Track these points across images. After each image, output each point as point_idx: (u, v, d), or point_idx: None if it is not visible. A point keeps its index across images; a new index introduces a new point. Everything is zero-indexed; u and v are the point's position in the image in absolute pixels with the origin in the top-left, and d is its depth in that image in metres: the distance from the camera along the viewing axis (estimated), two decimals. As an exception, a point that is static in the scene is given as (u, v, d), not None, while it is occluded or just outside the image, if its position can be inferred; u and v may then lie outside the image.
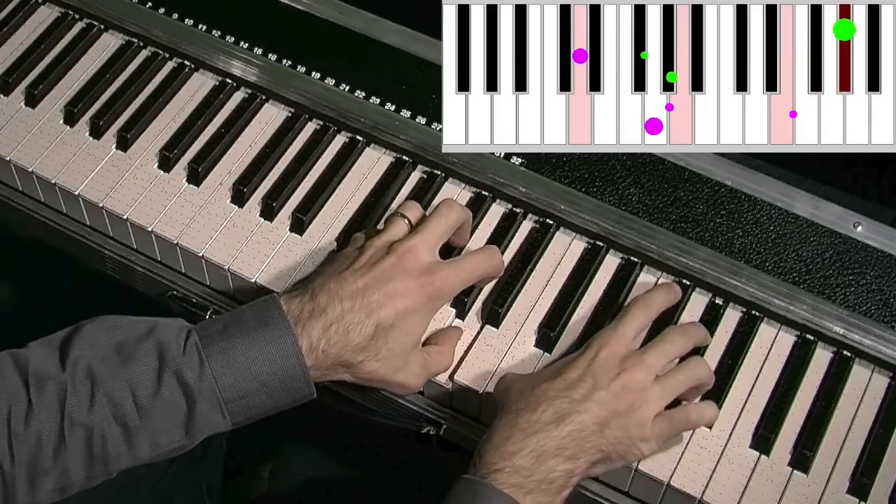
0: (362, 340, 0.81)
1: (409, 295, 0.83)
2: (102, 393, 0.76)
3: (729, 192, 0.94)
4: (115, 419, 0.76)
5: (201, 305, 0.97)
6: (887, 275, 0.89)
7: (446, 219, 0.88)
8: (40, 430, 0.74)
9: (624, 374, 0.80)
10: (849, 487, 0.82)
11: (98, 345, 0.78)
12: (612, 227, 0.93)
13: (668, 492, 0.83)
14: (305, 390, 0.80)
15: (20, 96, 1.06)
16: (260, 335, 0.78)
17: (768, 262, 0.90)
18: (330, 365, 0.81)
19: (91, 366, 0.76)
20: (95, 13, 1.10)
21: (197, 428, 0.78)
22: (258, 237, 0.96)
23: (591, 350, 0.82)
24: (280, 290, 0.92)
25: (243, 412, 0.79)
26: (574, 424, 0.78)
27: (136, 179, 0.99)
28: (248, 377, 0.78)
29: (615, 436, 0.79)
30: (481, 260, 0.88)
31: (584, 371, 0.81)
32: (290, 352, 0.78)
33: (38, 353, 0.78)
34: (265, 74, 1.04)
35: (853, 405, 0.86)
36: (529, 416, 0.78)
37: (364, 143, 1.01)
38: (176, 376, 0.76)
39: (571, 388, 0.79)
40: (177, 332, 0.79)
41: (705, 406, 0.83)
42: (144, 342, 0.78)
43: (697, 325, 0.88)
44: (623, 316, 0.86)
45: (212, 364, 0.77)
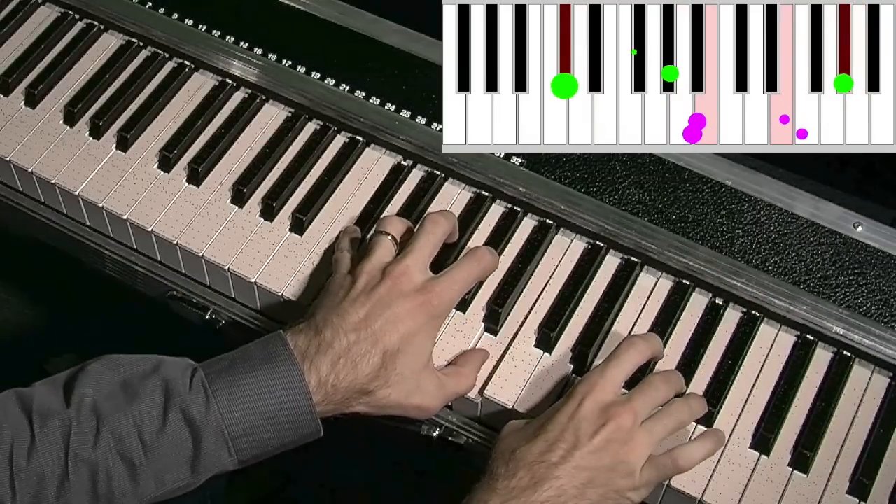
0: (371, 370, 0.81)
1: (410, 317, 0.83)
2: (108, 430, 0.75)
3: (729, 192, 0.94)
4: (120, 456, 0.75)
5: (201, 305, 0.98)
6: (887, 275, 0.89)
7: (433, 235, 0.88)
8: (43, 467, 0.74)
9: (609, 423, 0.78)
10: (849, 487, 0.82)
11: (103, 382, 0.77)
12: (612, 227, 0.93)
13: (668, 492, 0.83)
14: (312, 426, 0.79)
15: (20, 96, 1.06)
16: (266, 371, 0.78)
17: (768, 262, 0.90)
18: (341, 399, 0.81)
19: (96, 403, 0.76)
20: (95, 13, 1.10)
21: (203, 465, 0.77)
22: (258, 237, 0.96)
23: (574, 399, 0.80)
24: (280, 290, 0.92)
25: (250, 449, 0.78)
26: (552, 490, 0.76)
27: (136, 179, 0.99)
28: (254, 413, 0.77)
29: (599, 493, 0.77)
30: (472, 266, 0.88)
31: (566, 426, 0.78)
32: (296, 387, 0.78)
33: (43, 391, 0.77)
34: (265, 74, 1.04)
35: (853, 405, 0.86)
36: (507, 483, 0.77)
37: (364, 144, 1.01)
38: (182, 412, 0.76)
39: (549, 451, 0.77)
40: (182, 369, 0.78)
41: (692, 449, 0.82)
42: (150, 379, 0.77)
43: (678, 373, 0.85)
44: (613, 358, 0.83)
45: (218, 400, 0.77)
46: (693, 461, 0.82)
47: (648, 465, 0.79)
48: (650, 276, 0.93)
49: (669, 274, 0.92)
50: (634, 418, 0.79)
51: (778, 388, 0.86)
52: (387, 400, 0.82)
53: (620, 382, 0.82)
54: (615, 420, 0.78)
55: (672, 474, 0.82)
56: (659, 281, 0.92)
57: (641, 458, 0.79)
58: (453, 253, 0.93)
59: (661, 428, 0.81)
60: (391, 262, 0.86)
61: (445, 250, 0.92)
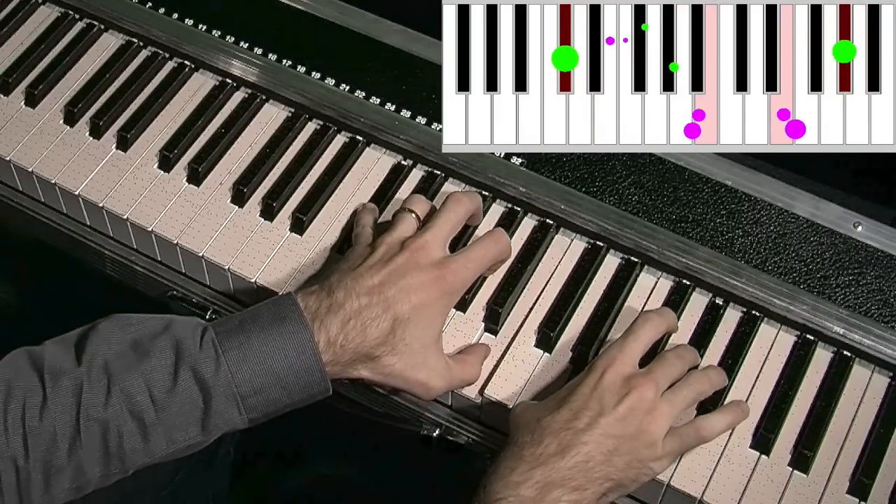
0: (380, 335, 0.81)
1: (424, 289, 0.83)
2: (119, 388, 0.75)
3: (729, 192, 0.94)
4: (131, 414, 0.75)
5: (201, 305, 0.98)
6: (887, 275, 0.89)
7: (455, 213, 0.89)
8: (55, 425, 0.74)
9: (632, 393, 0.79)
10: (849, 487, 0.82)
11: (113, 341, 0.78)
12: (612, 227, 0.93)
13: (668, 492, 0.83)
14: (322, 385, 0.80)
15: (20, 96, 1.06)
16: (276, 330, 0.78)
17: (768, 262, 0.90)
18: (348, 360, 0.81)
19: (107, 361, 0.76)
20: (95, 13, 1.10)
21: (213, 423, 0.77)
22: (258, 237, 0.96)
23: (596, 371, 0.81)
24: (280, 289, 0.92)
25: (259, 408, 0.79)
26: (580, 456, 0.77)
27: (136, 179, 1.00)
28: (264, 372, 0.78)
29: (624, 461, 0.78)
30: (489, 246, 0.88)
31: (589, 396, 0.80)
32: (306, 346, 0.78)
33: (53, 350, 0.78)
34: (265, 74, 1.04)
35: (853, 405, 0.86)
36: (534, 450, 0.77)
37: (364, 143, 1.01)
38: (192, 371, 0.76)
39: (575, 418, 0.78)
40: (193, 328, 0.79)
41: (714, 419, 0.83)
42: (160, 338, 0.78)
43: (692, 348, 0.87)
44: (631, 332, 0.84)
45: (228, 359, 0.77)
46: (715, 431, 0.83)
47: (671, 436, 0.80)
48: (650, 276, 0.93)
49: (669, 274, 0.92)
50: (656, 389, 0.80)
51: (778, 387, 0.86)
52: (391, 368, 0.82)
53: (638, 356, 0.83)
54: (637, 390, 0.79)
55: (694, 444, 0.82)
56: (659, 281, 0.92)
57: (663, 428, 0.80)
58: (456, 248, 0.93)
59: (681, 398, 0.82)
60: (411, 235, 0.87)
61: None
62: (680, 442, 0.81)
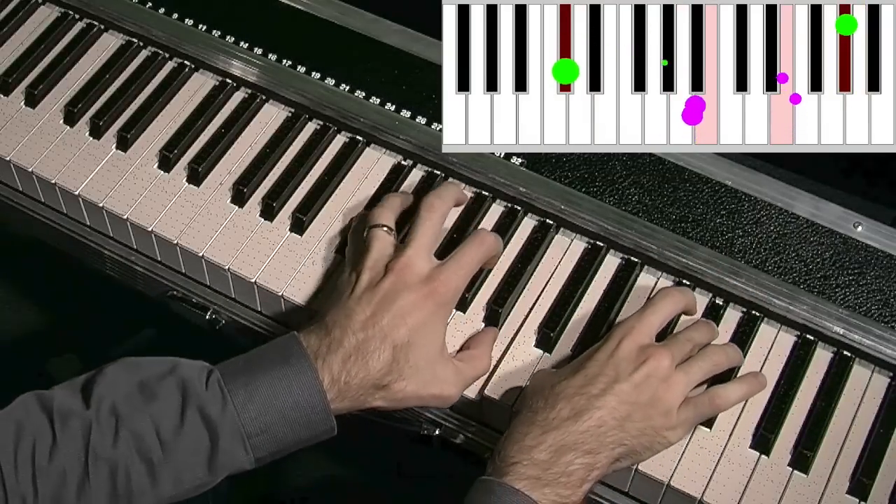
0: (383, 365, 0.81)
1: (418, 309, 0.83)
2: (127, 429, 0.76)
3: (729, 192, 0.94)
4: (139, 455, 0.76)
5: (201, 305, 0.98)
6: (887, 275, 0.89)
7: (430, 221, 0.88)
8: (64, 466, 0.74)
9: (649, 361, 0.80)
10: (849, 487, 0.82)
11: (121, 383, 0.78)
12: (612, 227, 0.93)
13: (668, 492, 0.83)
14: (327, 424, 0.80)
15: (20, 96, 1.06)
16: (281, 370, 0.79)
17: (768, 262, 0.90)
18: (355, 395, 0.81)
19: (115, 403, 0.77)
20: (95, 13, 1.10)
21: (220, 463, 0.78)
22: (258, 237, 0.96)
23: (612, 340, 0.82)
24: (280, 290, 0.92)
25: (266, 447, 0.79)
26: (592, 420, 0.78)
27: (136, 179, 1.00)
28: (270, 411, 0.78)
29: (638, 428, 0.79)
30: (475, 250, 0.88)
31: (605, 363, 0.81)
32: (311, 385, 0.78)
33: (62, 394, 0.78)
34: (265, 74, 1.04)
35: (853, 405, 0.86)
36: (547, 415, 0.79)
37: (364, 144, 1.01)
38: (199, 411, 0.77)
39: (590, 384, 0.80)
40: (199, 370, 0.79)
41: (729, 388, 0.84)
42: (167, 379, 0.78)
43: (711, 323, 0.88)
44: (650, 305, 0.86)
45: (234, 398, 0.77)
46: (730, 401, 0.83)
47: (685, 405, 0.81)
48: (650, 276, 0.93)
49: (669, 274, 0.92)
50: (671, 359, 0.81)
51: (778, 388, 0.86)
52: (403, 393, 0.82)
53: (656, 328, 0.84)
54: (654, 359, 0.81)
55: (709, 414, 0.83)
56: (659, 281, 0.92)
57: (678, 397, 0.81)
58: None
59: (697, 369, 0.82)
60: (393, 255, 0.86)
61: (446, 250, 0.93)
62: (695, 411, 0.82)
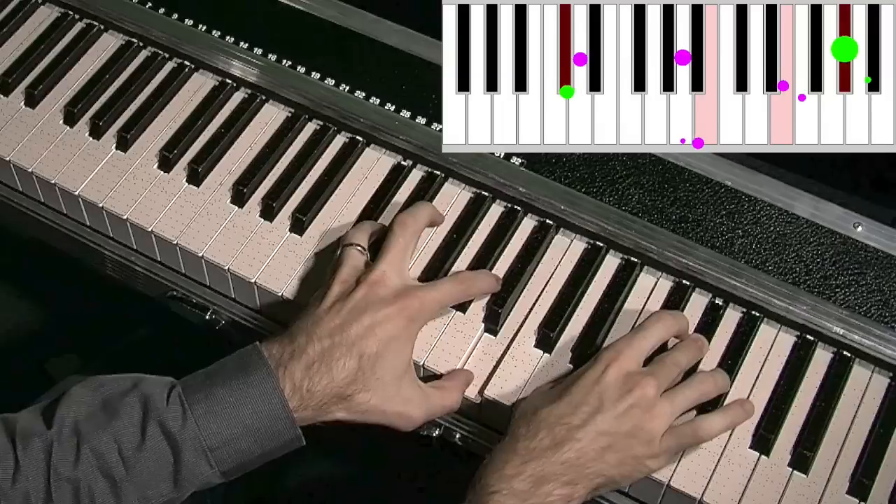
0: (348, 374, 0.80)
1: (389, 321, 0.83)
2: (88, 447, 0.75)
3: (729, 192, 0.94)
4: (101, 473, 0.75)
5: (201, 305, 0.98)
6: (887, 275, 0.89)
7: (402, 238, 0.88)
8: (28, 488, 0.74)
9: (634, 391, 0.80)
10: (849, 488, 0.82)
11: (84, 402, 0.78)
12: (612, 228, 0.93)
13: (668, 492, 0.83)
14: (291, 433, 0.79)
15: (20, 96, 1.06)
16: (241, 380, 0.78)
17: (768, 262, 0.90)
18: (318, 403, 0.80)
19: (77, 422, 0.76)
20: (95, 13, 1.10)
21: (184, 478, 0.77)
22: (258, 237, 0.96)
23: (600, 364, 0.82)
24: (279, 290, 0.92)
25: (230, 460, 0.78)
26: (572, 452, 0.77)
27: (136, 180, 0.99)
28: (231, 423, 0.77)
29: (618, 458, 0.78)
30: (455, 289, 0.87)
31: (590, 390, 0.80)
32: (271, 394, 0.78)
33: (26, 416, 0.78)
34: (265, 74, 1.04)
35: (853, 405, 0.86)
36: (528, 443, 0.78)
37: (364, 144, 1.01)
38: (160, 426, 0.76)
39: (572, 413, 0.79)
40: (161, 385, 0.79)
41: (714, 420, 0.82)
42: (129, 396, 0.78)
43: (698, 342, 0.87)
44: (641, 329, 0.85)
45: (194, 411, 0.77)
46: (714, 432, 0.82)
47: (669, 434, 0.80)
48: (650, 276, 0.93)
49: (669, 274, 0.92)
50: (657, 388, 0.81)
51: (778, 388, 0.86)
52: (367, 405, 0.82)
53: (645, 354, 0.84)
54: (639, 388, 0.80)
55: (691, 444, 0.82)
56: (659, 281, 0.92)
57: (662, 426, 0.80)
58: (453, 252, 0.93)
59: (682, 398, 0.82)
60: (365, 269, 0.86)
61: (445, 250, 0.93)
62: (677, 441, 0.81)
